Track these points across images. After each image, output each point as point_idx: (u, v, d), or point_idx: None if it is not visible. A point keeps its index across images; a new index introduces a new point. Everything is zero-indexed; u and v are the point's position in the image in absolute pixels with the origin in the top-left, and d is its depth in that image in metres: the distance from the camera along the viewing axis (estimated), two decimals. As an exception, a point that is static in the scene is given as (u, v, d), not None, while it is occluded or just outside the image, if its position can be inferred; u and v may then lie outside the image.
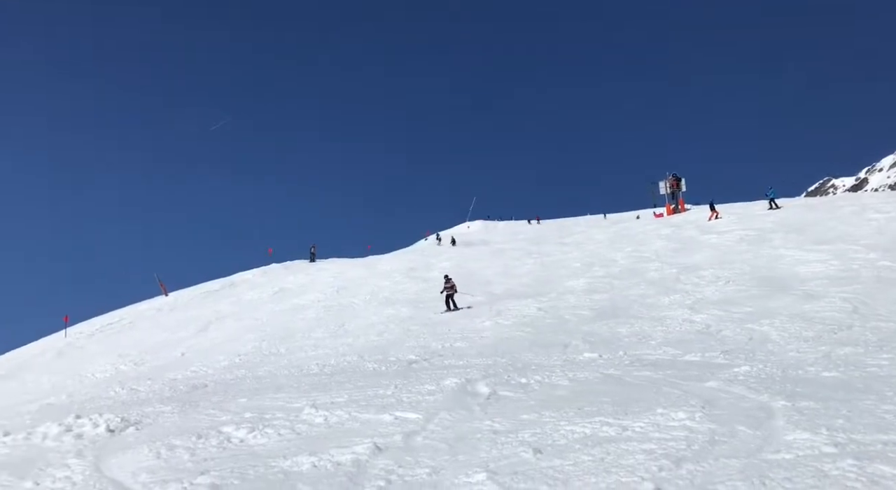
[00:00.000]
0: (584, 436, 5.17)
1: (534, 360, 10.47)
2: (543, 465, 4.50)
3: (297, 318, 21.95)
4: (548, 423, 5.70)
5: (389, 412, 6.67)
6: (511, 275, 26.00)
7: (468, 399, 7.14)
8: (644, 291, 18.36)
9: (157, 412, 7.65)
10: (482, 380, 8.24)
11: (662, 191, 45.13)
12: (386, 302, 23.38)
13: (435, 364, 11.35)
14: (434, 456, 5.03)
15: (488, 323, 16.39)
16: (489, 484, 4.21)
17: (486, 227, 65.82)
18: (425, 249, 48.46)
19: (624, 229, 37.25)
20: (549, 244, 36.27)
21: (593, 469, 4.31)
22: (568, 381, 7.82)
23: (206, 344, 19.36)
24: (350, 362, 12.73)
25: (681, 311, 14.83)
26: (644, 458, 4.40)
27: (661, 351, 10.56)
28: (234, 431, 6.11)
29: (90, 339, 24.81)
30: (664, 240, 28.99)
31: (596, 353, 10.54)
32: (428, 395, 7.54)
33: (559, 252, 31.31)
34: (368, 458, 5.00)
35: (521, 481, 4.21)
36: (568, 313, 16.39)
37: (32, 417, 8.91)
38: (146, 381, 13.10)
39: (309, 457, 5.09)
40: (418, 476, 4.55)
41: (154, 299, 33.24)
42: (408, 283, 27.11)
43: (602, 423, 5.46)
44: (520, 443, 5.13)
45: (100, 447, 6.03)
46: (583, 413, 5.96)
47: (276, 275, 34.29)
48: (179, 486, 4.45)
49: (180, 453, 5.47)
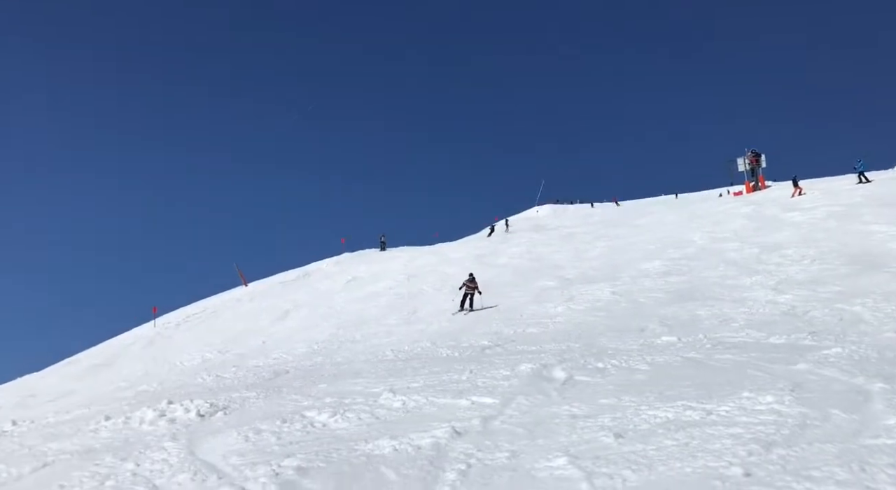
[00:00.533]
0: (666, 420, 5.05)
1: (609, 344, 10.30)
2: (625, 450, 4.42)
3: (370, 305, 22.37)
4: (628, 407, 5.60)
5: (466, 397, 6.70)
6: (582, 258, 25.62)
7: (544, 384, 7.09)
8: (724, 272, 17.74)
9: (242, 398, 7.96)
10: (558, 365, 8.17)
11: (741, 167, 43.31)
12: (456, 289, 23.50)
13: (508, 349, 11.33)
14: (513, 440, 5.02)
15: (560, 308, 16.22)
16: (570, 468, 4.17)
17: (555, 210, 65.08)
18: (493, 236, 48.37)
19: (700, 209, 36.03)
20: (620, 227, 35.52)
21: (678, 454, 4.21)
22: (647, 365, 7.65)
23: (284, 332, 20.00)
24: (424, 348, 12.87)
25: (764, 292, 14.26)
26: (731, 443, 4.26)
27: (743, 333, 10.19)
28: (316, 416, 6.29)
29: (177, 328, 26.04)
30: (744, 218, 27.88)
31: (674, 336, 10.27)
32: (503, 380, 7.54)
33: (632, 234, 30.61)
34: (448, 442, 5.05)
35: (603, 465, 4.15)
36: (643, 297, 16.03)
37: (129, 403, 9.45)
38: (231, 368, 13.65)
39: (390, 440, 5.18)
40: (498, 460, 4.56)
41: (234, 289, 34.56)
42: (477, 269, 27.15)
43: (685, 408, 5.31)
44: (600, 427, 5.06)
45: (192, 431, 6.33)
46: (664, 397, 5.82)
47: (348, 264, 35.01)
48: (268, 469, 4.62)
49: (267, 437, 5.67)
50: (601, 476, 3.97)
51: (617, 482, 3.85)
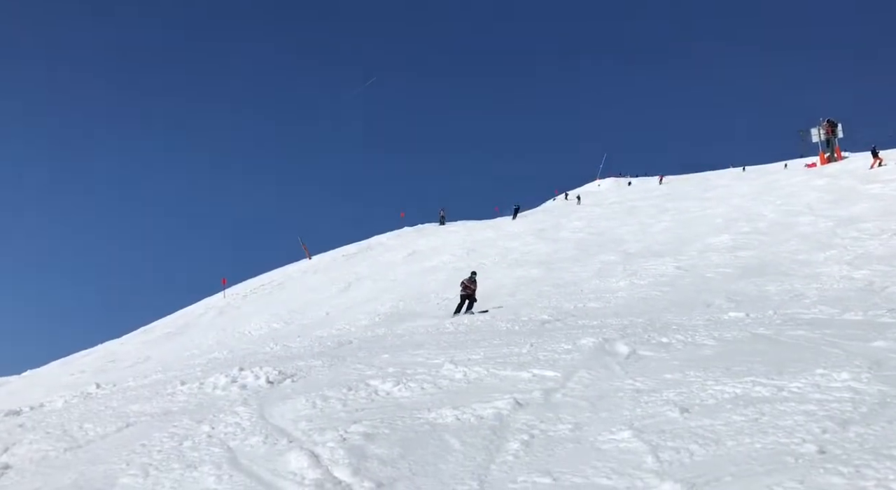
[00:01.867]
0: (734, 396, 4.94)
1: (674, 319, 10.09)
2: (692, 425, 4.35)
3: (429, 279, 22.57)
4: (693, 382, 5.50)
5: (527, 370, 6.71)
6: (646, 233, 25.09)
7: (607, 358, 7.03)
8: (796, 247, 17.07)
9: (308, 366, 8.21)
10: (620, 339, 8.07)
11: (815, 138, 41.29)
12: (515, 263, 23.41)
13: (569, 324, 11.25)
14: (575, 413, 5.01)
15: (623, 283, 15.98)
16: (635, 441, 4.14)
17: (617, 184, 63.75)
18: (554, 209, 47.81)
19: (772, 181, 34.63)
20: (687, 200, 34.54)
21: (747, 429, 4.11)
22: (713, 340, 7.47)
23: (347, 303, 20.44)
24: (483, 321, 12.93)
25: (838, 267, 13.66)
26: (804, 420, 4.13)
27: (816, 309, 9.80)
28: (380, 384, 6.43)
29: (245, 299, 26.95)
30: (818, 191, 26.66)
31: (742, 312, 9.97)
32: (564, 353, 7.51)
33: (699, 208, 29.74)
34: (510, 413, 5.08)
35: (669, 439, 4.10)
36: (710, 271, 15.61)
37: (203, 369, 9.88)
38: (296, 337, 14.08)
39: (452, 410, 5.25)
40: (560, 431, 4.56)
41: (299, 262, 35.46)
42: (537, 244, 26.94)
43: (754, 383, 5.17)
44: (665, 402, 4.99)
45: (262, 397, 6.57)
46: (731, 373, 5.68)
47: (408, 238, 35.35)
48: (336, 434, 4.76)
49: (333, 404, 5.84)
50: (667, 450, 3.93)
51: (684, 456, 3.80)
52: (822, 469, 3.31)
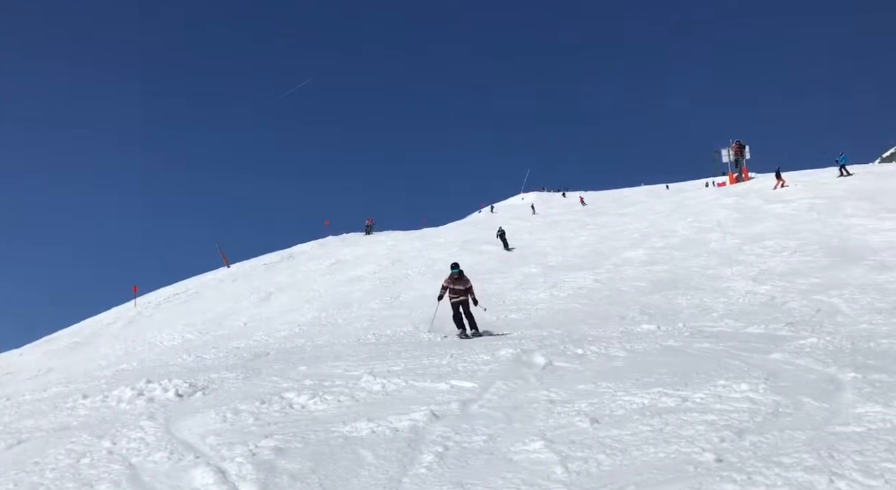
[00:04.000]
0: (642, 406, 5.11)
1: (590, 331, 10.38)
2: (601, 435, 4.47)
3: (353, 289, 22.33)
4: (605, 393, 5.66)
5: (445, 381, 6.73)
6: (567, 246, 25.74)
7: (524, 369, 7.14)
8: (705, 262, 17.92)
9: (222, 378, 7.94)
10: (538, 350, 8.22)
11: (725, 158, 43.61)
12: (440, 274, 23.50)
13: (490, 335, 11.39)
14: (490, 424, 5.06)
15: (543, 295, 16.32)
16: (546, 452, 4.21)
17: (540, 198, 65.20)
18: (478, 222, 48.37)
19: (684, 199, 36.29)
20: (605, 215, 35.69)
21: (652, 439, 4.26)
22: (625, 352, 7.72)
23: (266, 314, 19.94)
24: (405, 332, 12.90)
25: (744, 283, 14.43)
26: (705, 429, 4.32)
27: (722, 323, 10.31)
28: (295, 397, 6.29)
29: (158, 308, 25.86)
30: (727, 209, 28.12)
31: (654, 324, 10.37)
32: (483, 364, 7.58)
33: (617, 223, 30.78)
34: (426, 425, 5.07)
35: (578, 450, 4.19)
36: (625, 285, 16.16)
37: (108, 381, 9.38)
38: (211, 349, 13.60)
39: (368, 423, 5.19)
40: (475, 443, 4.59)
41: (217, 271, 34.35)
42: (462, 255, 27.17)
43: (661, 394, 5.37)
44: (576, 412, 5.11)
45: (170, 410, 6.30)
46: (641, 384, 5.88)
47: (332, 247, 34.88)
48: (245, 449, 4.62)
49: (245, 417, 5.66)
50: (576, 460, 4.02)
51: (591, 466, 3.90)
52: (718, 476, 3.47)
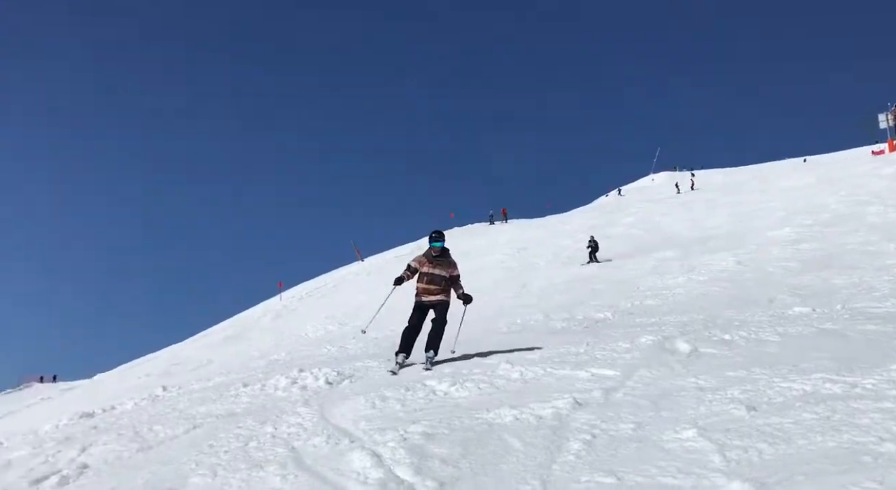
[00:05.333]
0: (803, 393, 4.77)
1: (736, 316, 9.82)
2: (759, 423, 4.22)
3: (480, 279, 22.53)
4: (759, 380, 5.34)
5: (585, 369, 6.64)
6: (703, 227, 24.50)
7: (667, 356, 6.89)
8: (864, 238, 16.39)
9: (366, 367, 8.30)
10: (680, 336, 7.90)
11: (883, 124, 39.55)
12: (569, 261, 23.18)
13: (626, 322, 11.08)
14: (636, 412, 4.93)
15: (680, 279, 15.64)
16: (700, 440, 4.04)
17: (672, 178, 62.40)
18: (606, 206, 47.12)
19: (834, 171, 33.34)
20: (744, 193, 33.56)
21: (819, 427, 3.96)
22: (778, 336, 7.24)
23: (400, 305, 20.62)
24: (537, 321, 12.85)
25: (911, 259, 13.05)
26: (881, 418, 3.96)
27: (889, 303, 9.40)
28: (437, 385, 6.46)
29: (301, 302, 27.48)
30: (886, 179, 25.52)
31: (808, 306, 9.64)
32: (623, 352, 7.39)
33: (757, 200, 28.86)
34: (569, 413, 5.02)
35: (736, 438, 3.99)
36: (771, 266, 15.13)
37: (263, 371, 10.11)
38: (351, 339, 14.28)
39: (510, 410, 5.23)
40: (623, 431, 4.49)
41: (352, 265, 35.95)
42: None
43: (824, 380, 4.99)
44: (730, 400, 4.86)
45: (322, 397, 6.68)
46: (799, 370, 5.49)
47: (458, 238, 35.41)
48: (396, 434, 4.80)
49: (392, 404, 5.89)
50: (734, 448, 3.82)
51: (752, 455, 3.69)
52: (903, 469, 3.17)
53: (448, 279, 7.96)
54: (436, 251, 7.85)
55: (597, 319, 11.80)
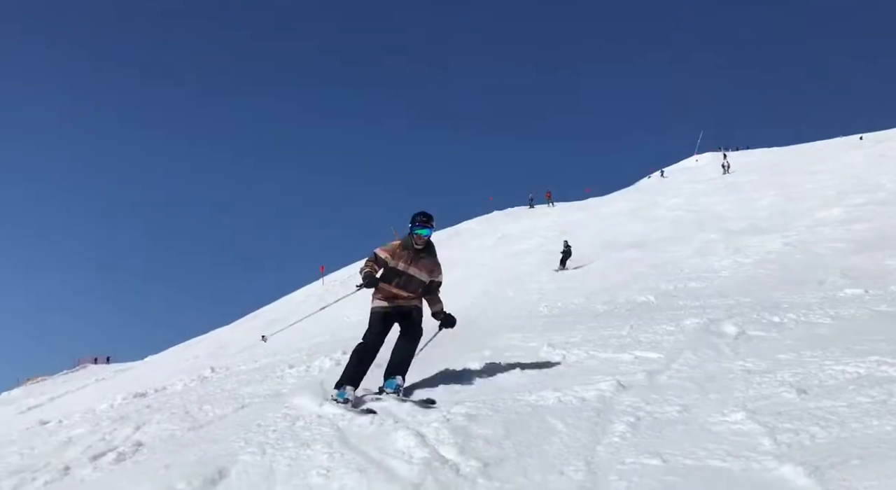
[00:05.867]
0: (857, 376, 4.64)
1: (784, 298, 9.58)
2: (811, 406, 4.12)
3: (520, 262, 22.47)
4: (810, 362, 5.21)
5: (628, 352, 6.58)
6: (749, 208, 23.91)
7: (713, 339, 6.77)
8: (919, 218, 15.78)
9: (408, 350, 8.37)
10: (727, 319, 7.75)
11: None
12: (609, 244, 22.90)
13: (669, 305, 10.91)
14: (682, 394, 4.86)
15: (726, 261, 15.31)
16: (749, 423, 3.97)
17: (717, 159, 60.93)
18: (648, 187, 46.34)
19: (888, 149, 32.11)
20: (792, 173, 32.59)
21: (874, 411, 3.85)
22: (829, 319, 7.05)
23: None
24: (578, 304, 12.75)
25: (972, 239, 12.52)
26: (940, 402, 3.83)
27: (947, 285, 9.04)
28: (478, 366, 6.48)
29: (342, 286, 27.78)
30: (944, 157, 24.47)
31: (861, 288, 9.34)
32: (667, 335, 7.30)
33: (806, 181, 28.01)
34: (613, 395, 4.99)
35: (786, 421, 3.90)
36: (821, 247, 14.70)
37: (307, 353, 10.29)
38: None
39: (553, 392, 5.21)
40: (668, 413, 4.44)
41: (391, 251, 36.16)
42: (631, 224, 26.23)
43: (879, 363, 4.84)
44: (779, 383, 4.75)
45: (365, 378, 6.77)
46: (852, 352, 5.34)
47: (498, 222, 35.27)
48: (439, 415, 4.84)
49: (435, 385, 5.94)
50: (785, 432, 3.74)
51: (804, 438, 3.61)
52: (964, 453, 3.06)
53: (426, 286, 5.90)
54: (419, 241, 5.77)
55: (639, 302, 11.65)
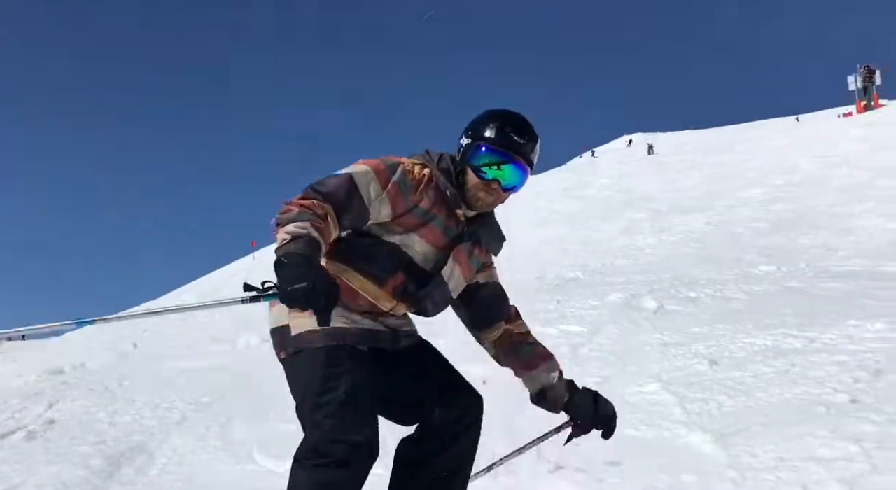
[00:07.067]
0: (764, 347, 4.90)
1: (703, 275, 9.98)
2: (720, 377, 4.33)
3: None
4: (723, 335, 5.46)
5: (554, 326, 6.72)
6: (676, 188, 24.69)
7: (634, 313, 7.00)
8: (832, 199, 16.68)
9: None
10: (648, 294, 8.02)
11: (852, 86, 39.85)
12: (541, 221, 23.28)
13: (596, 281, 11.20)
14: (602, 367, 5.03)
15: (651, 240, 15.81)
16: (663, 393, 4.15)
17: (645, 139, 62.54)
18: (580, 167, 47.23)
19: (808, 132, 33.69)
20: (719, 153, 33.82)
21: (777, 381, 4.08)
22: (743, 294, 7.38)
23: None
24: (508, 280, 12.94)
25: (875, 220, 13.33)
26: (836, 370, 4.08)
27: (851, 262, 9.62)
28: (408, 341, 6.51)
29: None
30: (854, 141, 25.88)
31: (774, 265, 9.82)
32: (591, 309, 7.50)
33: (732, 161, 29.12)
34: (537, 367, 5.10)
35: (698, 391, 4.10)
36: (741, 227, 15.35)
37: (236, 329, 10.09)
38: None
39: (480, 366, 5.27)
40: (588, 385, 4.54)
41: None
42: (563, 202, 26.72)
43: (785, 336, 5.12)
44: (693, 355, 4.97)
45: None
46: (762, 326, 5.62)
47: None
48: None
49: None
50: (695, 401, 3.93)
51: (712, 407, 3.80)
52: (853, 418, 3.28)
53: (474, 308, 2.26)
54: (489, 198, 2.08)
55: (568, 278, 11.91)
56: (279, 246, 1.63)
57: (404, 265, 1.97)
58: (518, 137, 1.95)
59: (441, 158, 2.00)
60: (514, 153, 1.95)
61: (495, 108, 2.03)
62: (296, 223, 1.66)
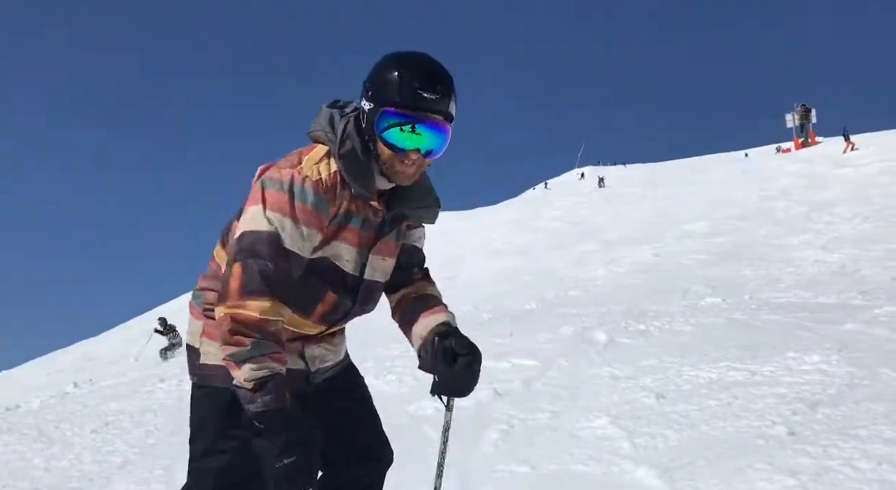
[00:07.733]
0: (709, 381, 5.02)
1: (652, 306, 10.21)
2: (667, 410, 4.42)
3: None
4: (670, 368, 5.58)
5: (507, 359, 6.76)
6: (624, 220, 25.31)
7: (585, 346, 7.10)
8: (770, 232, 17.34)
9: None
10: (598, 327, 8.15)
11: (790, 123, 41.83)
12: (495, 253, 23.52)
13: (550, 313, 11.34)
14: (554, 401, 5.07)
15: (602, 271, 16.13)
16: (611, 428, 4.20)
17: (595, 173, 64.07)
18: (533, 199, 47.99)
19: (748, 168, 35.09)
20: (665, 186, 34.87)
21: (721, 413, 4.19)
22: (689, 326, 7.58)
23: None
24: (464, 312, 12.98)
25: (812, 252, 13.90)
26: (775, 402, 4.22)
27: (791, 293, 9.98)
28: (360, 378, 6.44)
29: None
30: (792, 176, 27.08)
31: (719, 297, 10.12)
32: (545, 343, 7.57)
33: (677, 194, 30.06)
34: (489, 403, 5.12)
35: (645, 425, 4.16)
36: (687, 258, 15.80)
37: (182, 367, 9.81)
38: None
39: (432, 402, 5.28)
40: (540, 420, 4.61)
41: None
42: (516, 234, 27.09)
43: (728, 368, 5.27)
44: (641, 388, 5.06)
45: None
46: (707, 358, 5.77)
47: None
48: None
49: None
50: (642, 435, 3.99)
51: (659, 441, 3.87)
52: (790, 450, 3.39)
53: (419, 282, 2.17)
54: (408, 170, 1.74)
55: (523, 310, 12.03)
56: (247, 401, 1.53)
57: (336, 282, 1.79)
58: (429, 93, 1.61)
59: (346, 136, 1.68)
60: (429, 112, 1.63)
61: (394, 55, 1.68)
62: (251, 364, 1.52)
